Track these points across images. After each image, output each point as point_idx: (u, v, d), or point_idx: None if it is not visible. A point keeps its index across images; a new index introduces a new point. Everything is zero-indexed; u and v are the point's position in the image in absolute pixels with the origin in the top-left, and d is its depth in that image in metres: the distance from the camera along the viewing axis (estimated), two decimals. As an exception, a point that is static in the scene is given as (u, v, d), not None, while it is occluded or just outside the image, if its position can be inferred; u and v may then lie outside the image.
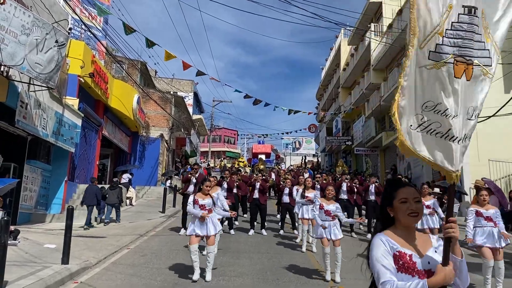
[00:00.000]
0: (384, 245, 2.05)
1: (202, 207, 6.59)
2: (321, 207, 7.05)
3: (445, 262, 1.97)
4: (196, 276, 6.27)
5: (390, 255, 2.03)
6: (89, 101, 15.67)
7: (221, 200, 8.11)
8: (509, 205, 12.42)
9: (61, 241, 7.10)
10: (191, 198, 6.76)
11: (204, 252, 8.06)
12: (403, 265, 2.01)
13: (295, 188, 10.81)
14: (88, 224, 11.62)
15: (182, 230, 10.79)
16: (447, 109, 2.10)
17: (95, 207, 12.19)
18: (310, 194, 9.57)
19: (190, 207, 6.62)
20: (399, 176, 13.16)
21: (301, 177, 11.32)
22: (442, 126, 2.11)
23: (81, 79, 13.86)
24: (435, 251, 2.09)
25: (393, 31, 22.68)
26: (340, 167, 18.55)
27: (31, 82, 10.04)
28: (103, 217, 12.61)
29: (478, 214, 6.28)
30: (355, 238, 11.26)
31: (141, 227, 11.92)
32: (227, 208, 8.20)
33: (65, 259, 6.74)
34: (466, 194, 15.41)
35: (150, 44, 12.92)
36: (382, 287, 1.94)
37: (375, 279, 2.02)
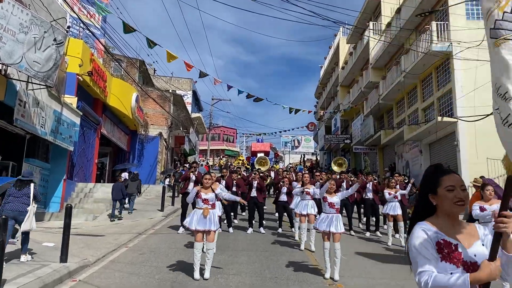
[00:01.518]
0: (426, 234, 1.94)
1: (205, 201, 6.55)
2: (324, 200, 7.05)
3: (491, 257, 1.83)
4: (197, 275, 6.25)
5: (432, 245, 1.92)
6: (88, 100, 15.66)
7: (224, 192, 8.04)
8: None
9: (59, 239, 7.11)
10: (194, 190, 6.73)
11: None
12: (448, 254, 1.89)
13: (294, 183, 10.86)
14: (114, 216, 13.12)
15: (181, 229, 10.79)
16: (507, 92, 1.89)
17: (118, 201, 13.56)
18: (309, 189, 9.60)
19: (189, 196, 6.68)
20: (397, 174, 13.15)
21: (299, 173, 11.35)
22: (504, 111, 1.91)
23: (79, 77, 13.85)
24: (482, 244, 1.97)
25: (392, 30, 22.69)
26: (337, 166, 18.46)
27: (30, 81, 10.02)
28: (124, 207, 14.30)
29: (482, 210, 6.13)
30: (354, 236, 11.28)
31: (139, 225, 11.94)
32: (232, 196, 7.99)
33: (63, 258, 6.75)
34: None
35: (151, 44, 12.92)
36: (419, 277, 1.85)
37: (413, 269, 1.94)
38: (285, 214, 11.71)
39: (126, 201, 14.69)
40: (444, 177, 2.03)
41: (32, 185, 7.25)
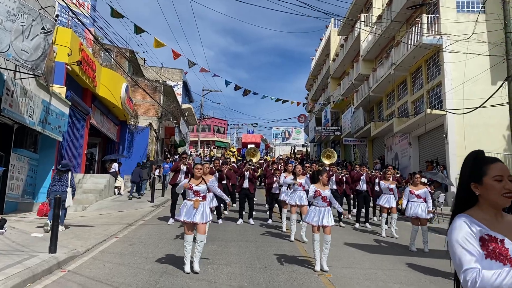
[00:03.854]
0: (469, 227, 1.75)
1: (196, 193, 6.42)
2: (318, 194, 6.93)
3: None
4: (187, 268, 6.18)
5: (476, 239, 1.74)
6: (77, 90, 15.49)
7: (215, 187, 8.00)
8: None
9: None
10: (183, 182, 6.55)
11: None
12: (493, 251, 1.70)
13: (283, 175, 10.87)
14: (139, 192, 16.68)
15: (171, 220, 10.80)
16: None
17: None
18: (301, 180, 9.62)
19: (178, 186, 6.57)
20: (390, 167, 13.25)
21: (289, 165, 11.38)
22: None
23: (68, 67, 13.68)
24: None
25: (383, 22, 22.72)
26: (326, 158, 18.45)
27: (17, 70, 9.88)
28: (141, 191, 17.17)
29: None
30: (343, 227, 11.38)
31: (129, 216, 11.91)
32: (223, 194, 7.91)
33: (52, 248, 6.71)
34: (452, 185, 15.61)
35: (138, 30, 12.79)
36: (465, 275, 1.65)
37: (455, 266, 1.74)
38: (276, 205, 11.76)
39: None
40: (491, 165, 1.85)
41: (69, 173, 9.48)
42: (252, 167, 12.35)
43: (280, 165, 15.41)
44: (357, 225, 11.85)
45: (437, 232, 11.36)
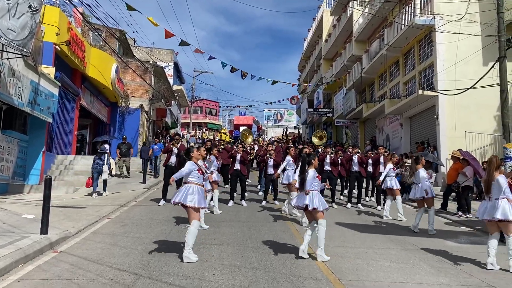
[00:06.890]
0: None
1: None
2: (319, 178, 6.74)
3: None
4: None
5: None
6: (66, 70, 15.27)
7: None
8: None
9: (39, 211, 7.03)
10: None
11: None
12: None
13: (288, 159, 10.83)
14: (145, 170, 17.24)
15: (162, 201, 10.81)
16: None
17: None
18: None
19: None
20: (381, 147, 13.27)
21: (292, 148, 11.34)
22: None
23: (57, 47, 13.45)
24: None
25: (376, 2, 22.54)
26: (317, 139, 18.50)
27: (4, 49, 9.69)
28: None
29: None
30: (336, 208, 11.47)
31: (121, 197, 11.90)
32: None
33: (44, 229, 6.69)
34: (443, 165, 15.75)
35: (129, 8, 12.60)
36: None
37: None
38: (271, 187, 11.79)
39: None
40: None
41: (106, 154, 12.38)
42: (243, 148, 12.33)
43: (280, 145, 15.33)
44: (348, 205, 11.93)
45: (425, 212, 11.47)
